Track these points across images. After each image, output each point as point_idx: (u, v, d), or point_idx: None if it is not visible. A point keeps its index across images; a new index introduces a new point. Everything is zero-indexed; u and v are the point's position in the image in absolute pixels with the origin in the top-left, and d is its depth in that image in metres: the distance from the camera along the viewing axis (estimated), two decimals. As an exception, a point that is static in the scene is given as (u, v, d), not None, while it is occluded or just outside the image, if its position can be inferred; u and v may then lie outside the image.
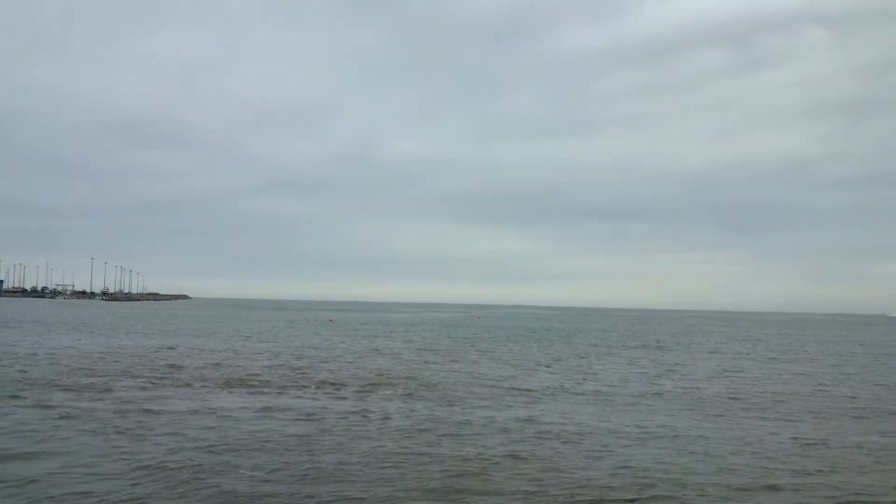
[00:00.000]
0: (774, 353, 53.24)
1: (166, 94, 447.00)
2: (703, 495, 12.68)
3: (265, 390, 24.37)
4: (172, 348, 41.89)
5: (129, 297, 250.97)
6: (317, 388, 25.45)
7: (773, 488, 13.27)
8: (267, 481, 12.78)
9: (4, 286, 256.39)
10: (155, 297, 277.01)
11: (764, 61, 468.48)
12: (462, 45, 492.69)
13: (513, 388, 26.84)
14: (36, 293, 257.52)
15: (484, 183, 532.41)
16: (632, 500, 12.28)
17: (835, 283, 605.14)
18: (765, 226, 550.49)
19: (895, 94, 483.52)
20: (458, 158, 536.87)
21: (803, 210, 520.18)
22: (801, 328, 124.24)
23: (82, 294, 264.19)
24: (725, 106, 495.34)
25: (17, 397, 21.22)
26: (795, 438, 18.11)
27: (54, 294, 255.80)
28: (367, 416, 19.67)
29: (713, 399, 25.42)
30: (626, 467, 14.48)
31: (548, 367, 36.94)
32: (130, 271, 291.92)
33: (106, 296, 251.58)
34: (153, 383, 25.36)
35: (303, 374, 29.97)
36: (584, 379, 31.13)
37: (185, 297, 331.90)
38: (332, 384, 26.46)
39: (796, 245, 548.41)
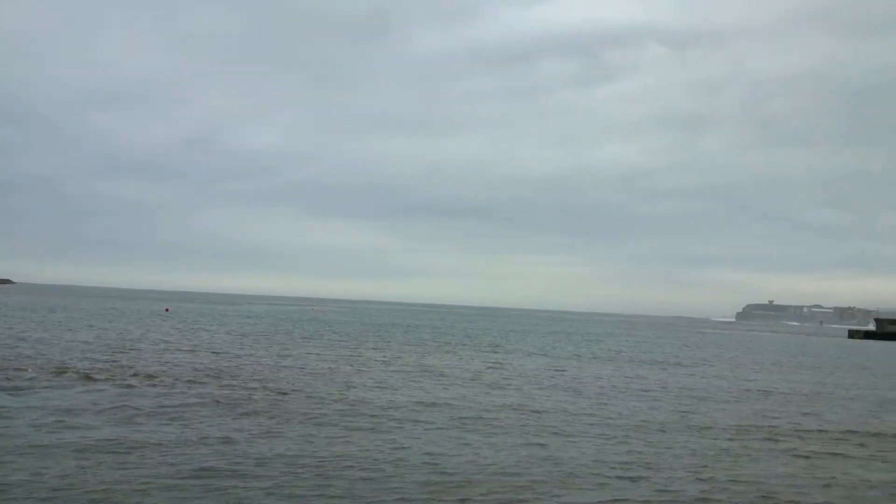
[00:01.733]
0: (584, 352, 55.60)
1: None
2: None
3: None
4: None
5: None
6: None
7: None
8: None
9: None
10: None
11: (608, 74, 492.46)
12: (322, 40, 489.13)
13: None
14: None
15: (340, 176, 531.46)
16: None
17: (667, 287, 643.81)
18: (605, 231, 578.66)
19: (724, 111, 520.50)
20: (314, 151, 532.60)
21: (640, 217, 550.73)
22: (626, 328, 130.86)
23: None
24: (572, 114, 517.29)
25: None
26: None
27: None
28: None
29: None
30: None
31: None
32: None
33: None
34: None
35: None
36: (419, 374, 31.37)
37: (7, 281, 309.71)
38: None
39: (633, 250, 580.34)
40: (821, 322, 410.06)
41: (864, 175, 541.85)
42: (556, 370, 37.56)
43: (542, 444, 17.41)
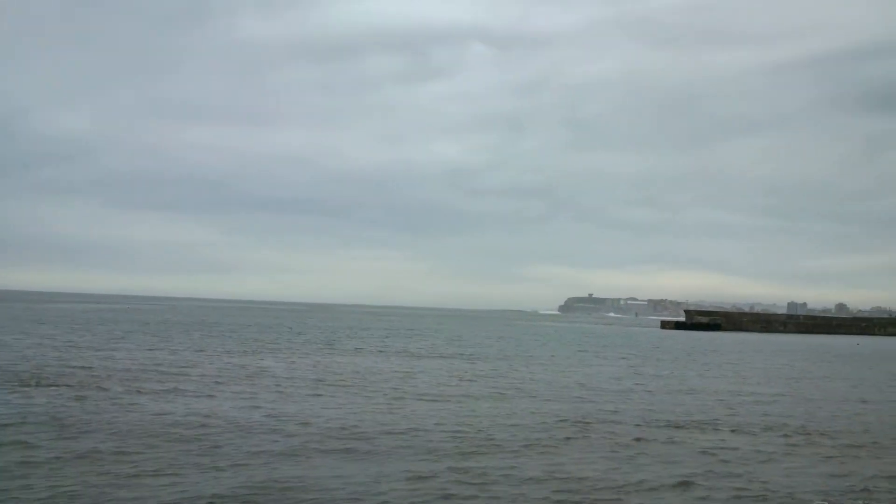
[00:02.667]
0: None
1: None
2: None
3: None
4: None
5: None
6: None
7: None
8: None
9: None
10: None
11: (434, 72, 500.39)
12: (137, 23, 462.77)
13: None
14: None
15: (154, 166, 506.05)
16: None
17: (496, 282, 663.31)
18: (433, 227, 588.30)
19: (543, 112, 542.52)
20: (126, 137, 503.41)
21: (467, 214, 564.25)
22: (456, 322, 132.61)
23: None
24: (398, 111, 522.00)
25: None
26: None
27: None
28: None
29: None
30: None
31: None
32: None
33: None
34: None
35: None
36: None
37: None
38: None
39: (461, 246, 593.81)
40: (636, 314, 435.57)
41: (672, 176, 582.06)
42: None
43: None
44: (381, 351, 51.53)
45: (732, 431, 22.14)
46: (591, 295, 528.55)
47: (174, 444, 17.27)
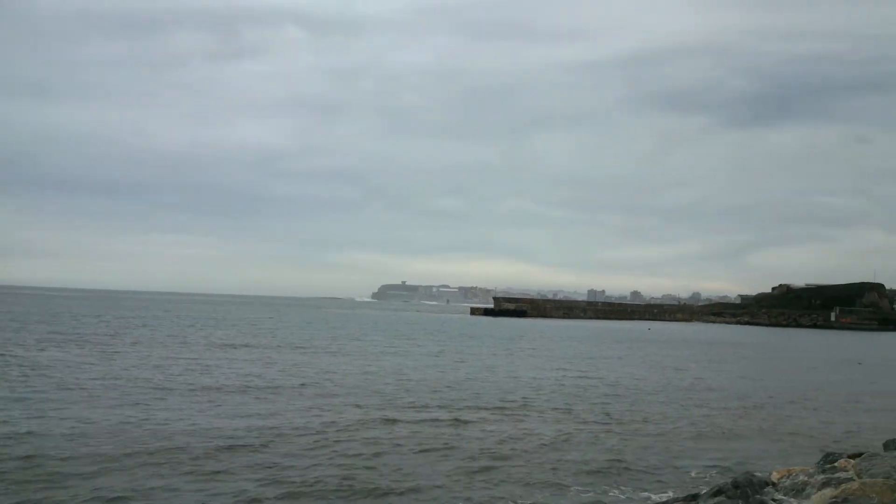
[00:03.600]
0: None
1: None
2: None
3: None
4: None
5: None
6: None
7: None
8: None
9: None
10: None
11: (246, 52, 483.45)
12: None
13: None
14: None
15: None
16: None
17: (309, 269, 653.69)
18: (241, 212, 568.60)
19: (360, 99, 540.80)
20: None
21: (278, 199, 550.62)
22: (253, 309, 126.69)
23: None
24: (206, 90, 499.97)
25: None
26: None
27: None
28: None
29: None
30: None
31: None
32: None
33: None
34: None
35: None
36: None
37: None
38: None
39: (271, 232, 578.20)
40: (447, 301, 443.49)
41: (483, 167, 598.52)
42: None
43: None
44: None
45: (517, 411, 20.40)
46: (404, 282, 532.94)
47: None
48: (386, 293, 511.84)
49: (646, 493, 14.06)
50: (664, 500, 12.93)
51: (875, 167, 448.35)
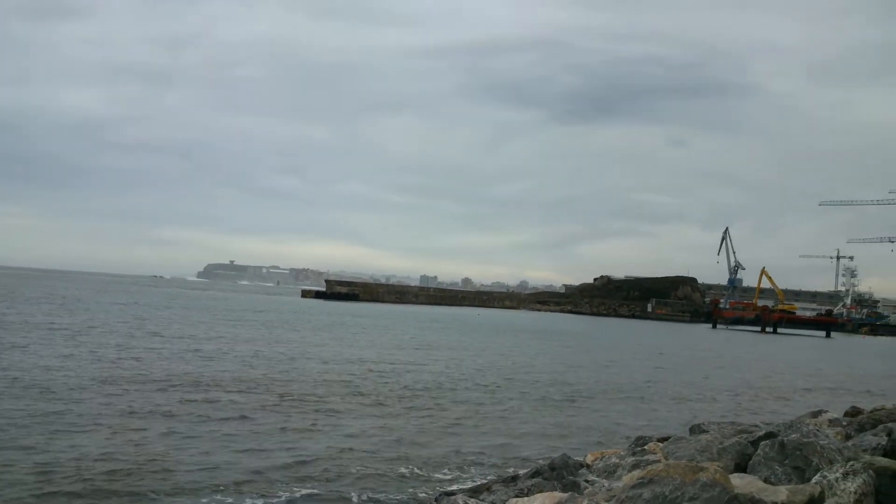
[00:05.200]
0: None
1: None
2: None
3: None
4: None
5: None
6: None
7: None
8: None
9: None
10: None
11: (68, 12, 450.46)
12: None
13: None
14: None
15: None
16: None
17: (132, 244, 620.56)
18: (60, 182, 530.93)
19: (193, 69, 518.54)
20: None
21: (100, 170, 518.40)
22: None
23: None
24: (23, 51, 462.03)
25: None
26: None
27: None
28: None
29: None
30: None
31: None
32: None
33: None
34: None
35: None
36: None
37: None
38: None
39: (95, 204, 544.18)
40: (278, 282, 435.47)
41: (316, 147, 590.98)
42: None
43: None
44: None
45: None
46: (233, 262, 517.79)
47: None
48: (212, 272, 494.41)
49: (467, 477, 14.34)
50: (484, 482, 13.22)
51: (692, 169, 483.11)
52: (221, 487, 12.45)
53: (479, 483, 13.15)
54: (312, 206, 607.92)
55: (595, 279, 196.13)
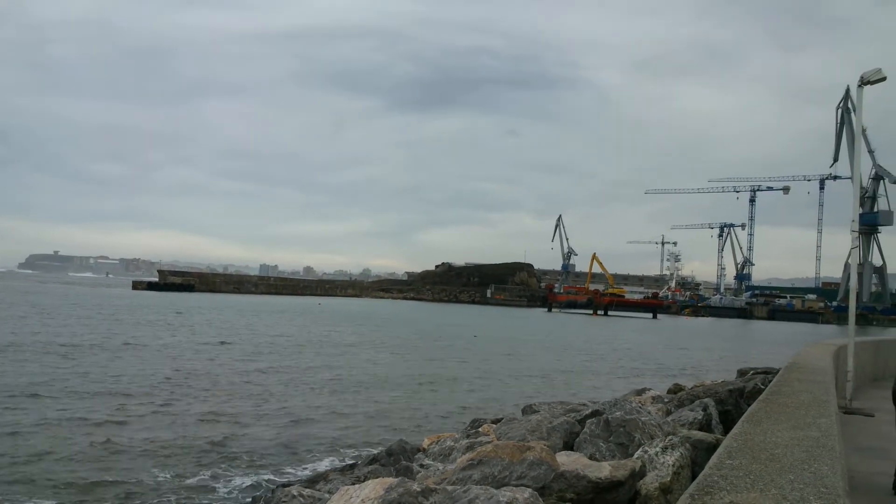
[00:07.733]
0: None
1: None
2: None
3: None
4: None
5: None
6: None
7: None
8: None
9: None
10: None
11: None
12: None
13: None
14: None
15: None
16: None
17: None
18: None
19: (3, 47, 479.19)
20: None
21: None
22: None
23: None
24: None
25: None
26: None
27: None
28: None
29: None
30: None
31: None
32: None
33: None
34: None
35: None
36: None
37: None
38: None
39: None
40: (107, 273, 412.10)
41: (145, 133, 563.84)
42: None
43: None
44: None
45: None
46: (57, 252, 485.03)
47: None
48: (35, 263, 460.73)
49: (304, 466, 14.11)
50: (322, 471, 13.04)
51: (525, 158, 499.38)
52: None
53: (317, 472, 12.96)
54: (140, 193, 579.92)
55: (436, 266, 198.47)
